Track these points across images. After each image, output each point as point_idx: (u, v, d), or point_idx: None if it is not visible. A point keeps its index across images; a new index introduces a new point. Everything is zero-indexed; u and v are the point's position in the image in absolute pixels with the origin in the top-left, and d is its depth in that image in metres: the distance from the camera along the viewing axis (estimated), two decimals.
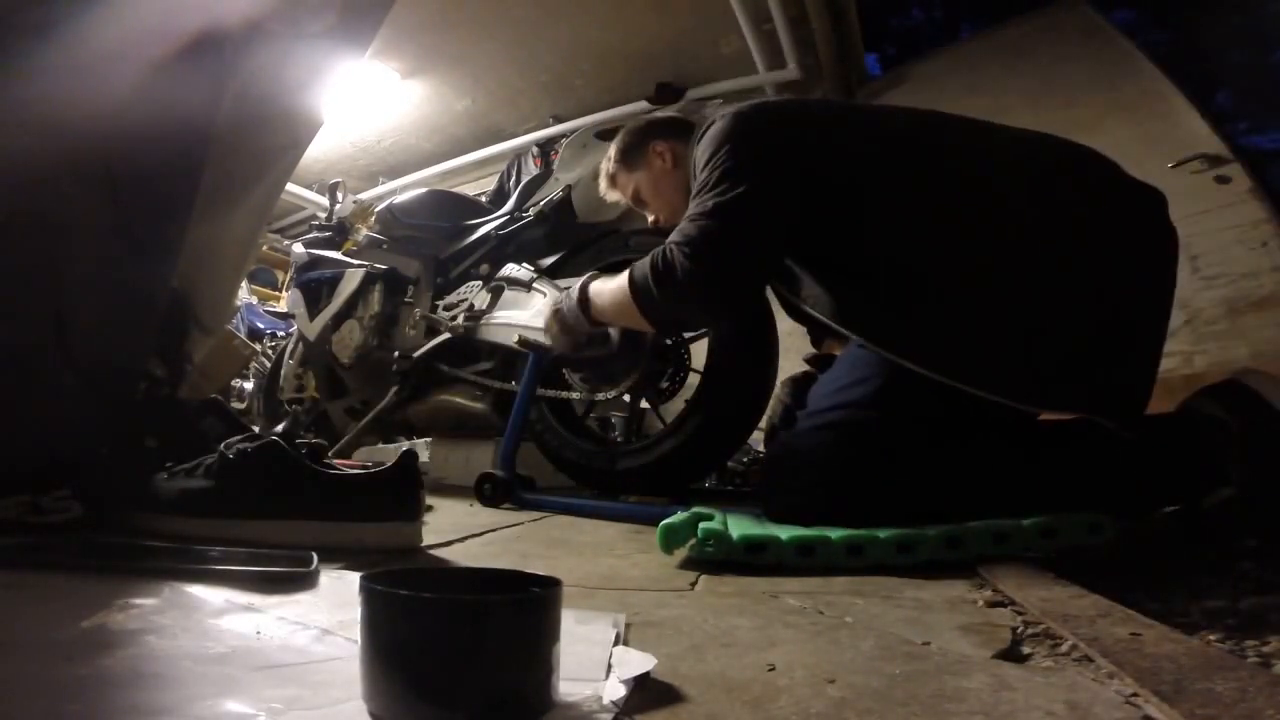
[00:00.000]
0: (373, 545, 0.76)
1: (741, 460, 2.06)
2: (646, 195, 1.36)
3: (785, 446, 1.04)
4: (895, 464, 0.93)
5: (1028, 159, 1.04)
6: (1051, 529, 0.81)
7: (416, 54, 3.34)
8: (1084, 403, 0.90)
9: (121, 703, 0.34)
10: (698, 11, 2.99)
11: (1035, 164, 1.03)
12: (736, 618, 0.55)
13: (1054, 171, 1.02)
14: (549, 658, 0.34)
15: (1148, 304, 0.97)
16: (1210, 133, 2.29)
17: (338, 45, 1.07)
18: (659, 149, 1.32)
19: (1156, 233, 1.00)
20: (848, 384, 1.00)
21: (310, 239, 2.39)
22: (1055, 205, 0.98)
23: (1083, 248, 0.96)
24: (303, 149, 1.22)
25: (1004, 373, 0.90)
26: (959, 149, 1.04)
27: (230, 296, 1.39)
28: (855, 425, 0.96)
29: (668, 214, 1.32)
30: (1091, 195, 1.00)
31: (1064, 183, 1.01)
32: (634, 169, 1.36)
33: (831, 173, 1.01)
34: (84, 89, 0.76)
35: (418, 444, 1.91)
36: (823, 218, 1.01)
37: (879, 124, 1.10)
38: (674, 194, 1.28)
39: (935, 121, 1.08)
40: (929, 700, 0.37)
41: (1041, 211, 0.97)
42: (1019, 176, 1.01)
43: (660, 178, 1.32)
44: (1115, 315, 0.94)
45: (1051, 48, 2.69)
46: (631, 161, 1.36)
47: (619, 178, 1.40)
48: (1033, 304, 0.93)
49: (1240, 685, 0.37)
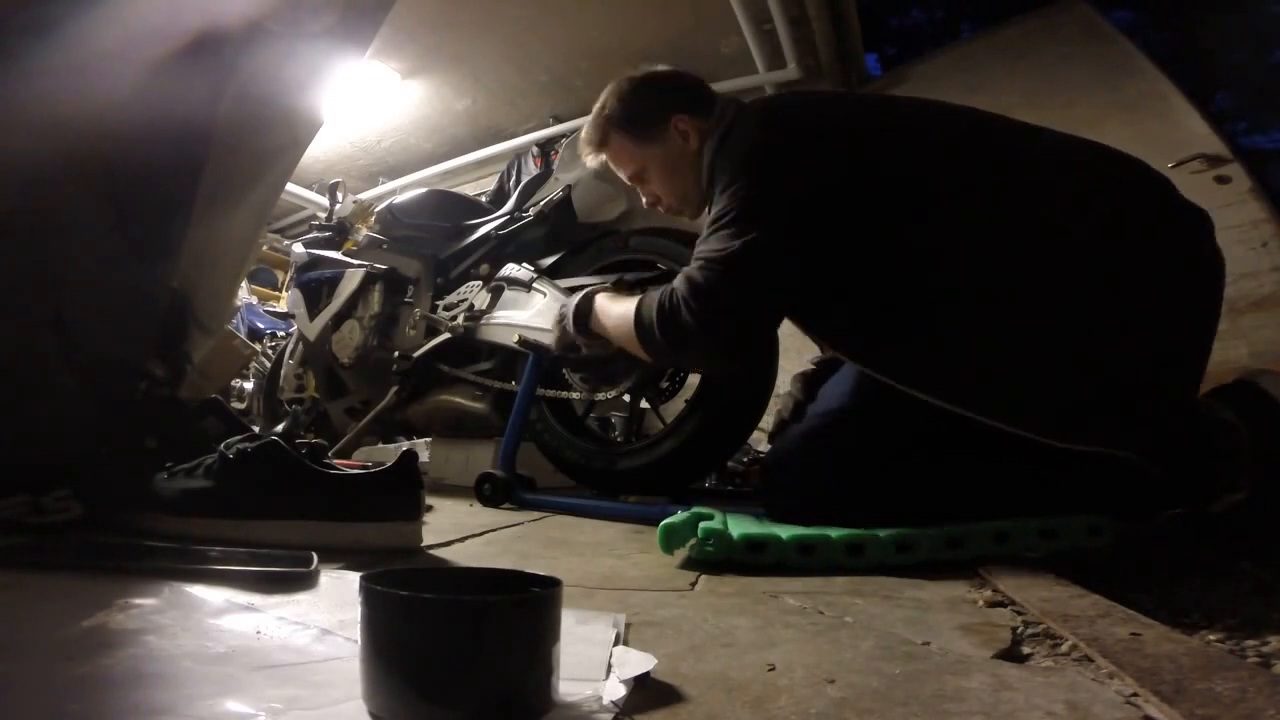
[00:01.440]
0: (373, 545, 0.76)
1: (741, 460, 2.06)
2: (655, 177, 1.16)
3: (789, 446, 1.03)
4: (899, 467, 0.92)
5: (1072, 173, 0.96)
6: (1052, 530, 0.81)
7: (416, 54, 3.34)
8: (1115, 440, 0.84)
9: (121, 703, 0.34)
10: (698, 11, 2.99)
11: (1080, 179, 0.95)
12: (736, 618, 0.55)
13: (1100, 189, 0.94)
14: (549, 658, 0.34)
15: (1191, 335, 0.91)
16: (1210, 133, 2.29)
17: (338, 45, 1.07)
18: (681, 125, 1.10)
19: (1205, 259, 0.93)
20: (855, 388, 0.98)
21: (310, 239, 2.39)
22: (1100, 227, 0.90)
23: (1127, 274, 0.88)
24: (303, 149, 1.22)
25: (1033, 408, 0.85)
26: (1004, 164, 0.95)
27: (230, 296, 1.39)
28: (860, 429, 0.95)
29: (678, 201, 1.16)
30: (1139, 217, 0.92)
31: (1110, 201, 0.93)
32: (646, 142, 1.14)
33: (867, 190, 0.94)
34: (84, 89, 0.76)
35: (418, 444, 1.91)
36: (852, 241, 0.94)
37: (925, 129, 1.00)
38: (690, 181, 1.11)
39: (980, 126, 1.00)
40: (929, 700, 0.37)
41: (1085, 233, 0.90)
42: (1063, 193, 0.93)
43: (678, 160, 1.11)
44: (1156, 346, 0.88)
45: (1051, 48, 2.68)
46: (644, 133, 1.14)
47: (621, 147, 1.17)
48: (1068, 335, 0.86)
49: (1240, 685, 0.37)
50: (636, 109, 1.14)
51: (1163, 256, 0.91)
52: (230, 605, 0.51)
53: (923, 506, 0.86)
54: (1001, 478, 0.90)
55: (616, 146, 1.17)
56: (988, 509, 0.84)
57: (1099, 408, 0.85)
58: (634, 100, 1.15)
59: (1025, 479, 0.89)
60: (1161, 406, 0.87)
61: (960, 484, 0.90)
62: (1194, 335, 0.91)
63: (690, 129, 1.10)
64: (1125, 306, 0.88)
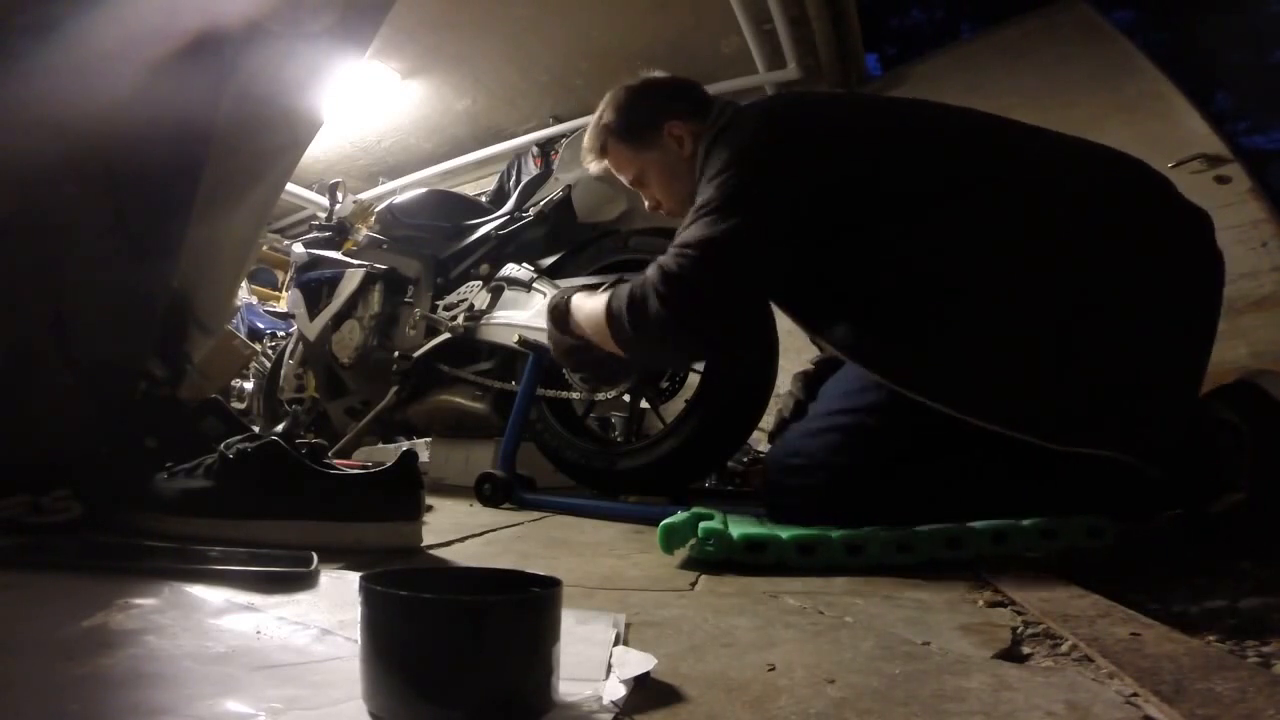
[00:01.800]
0: (373, 545, 0.76)
1: (741, 460, 2.06)
2: (654, 182, 1.19)
3: (790, 446, 1.03)
4: (901, 468, 0.92)
5: (1072, 174, 0.96)
6: (1051, 530, 0.81)
7: (416, 54, 3.34)
8: (1114, 443, 0.83)
9: (121, 703, 0.34)
10: (698, 11, 2.99)
11: (1080, 180, 0.95)
12: (736, 618, 0.55)
13: (1100, 190, 0.94)
14: (549, 658, 0.34)
15: (1192, 336, 0.91)
16: (1210, 133, 2.29)
17: (338, 45, 1.07)
18: (675, 131, 1.13)
19: (1205, 259, 0.93)
20: (857, 389, 0.97)
21: (310, 239, 2.39)
22: (1100, 229, 0.91)
23: (1127, 275, 0.88)
24: (303, 149, 1.22)
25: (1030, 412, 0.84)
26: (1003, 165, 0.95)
27: (230, 296, 1.39)
28: (861, 429, 0.95)
29: (678, 205, 1.17)
30: (1139, 217, 0.92)
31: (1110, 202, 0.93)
32: (642, 149, 1.18)
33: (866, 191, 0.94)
34: (84, 89, 0.76)
35: (418, 444, 1.91)
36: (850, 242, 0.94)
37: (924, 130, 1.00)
38: (687, 185, 1.12)
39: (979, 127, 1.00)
40: (929, 700, 0.37)
41: (1085, 235, 0.90)
42: (1063, 195, 0.93)
43: (675, 164, 1.14)
44: (1157, 348, 0.88)
45: (1052, 48, 2.68)
46: (640, 140, 1.17)
47: (619, 154, 1.21)
48: (1067, 338, 0.86)
49: (1240, 685, 0.37)
50: (632, 117, 1.18)
51: (1163, 257, 0.91)
52: (230, 605, 0.51)
53: (924, 506, 0.86)
54: (1001, 478, 0.90)
55: (615, 154, 1.21)
56: (988, 509, 0.84)
57: (1098, 410, 0.84)
58: (629, 109, 1.18)
59: (1023, 478, 0.89)
60: (1162, 408, 0.86)
61: (961, 484, 0.90)
62: (1195, 336, 0.91)
63: (685, 133, 1.13)
64: (1125, 308, 0.87)
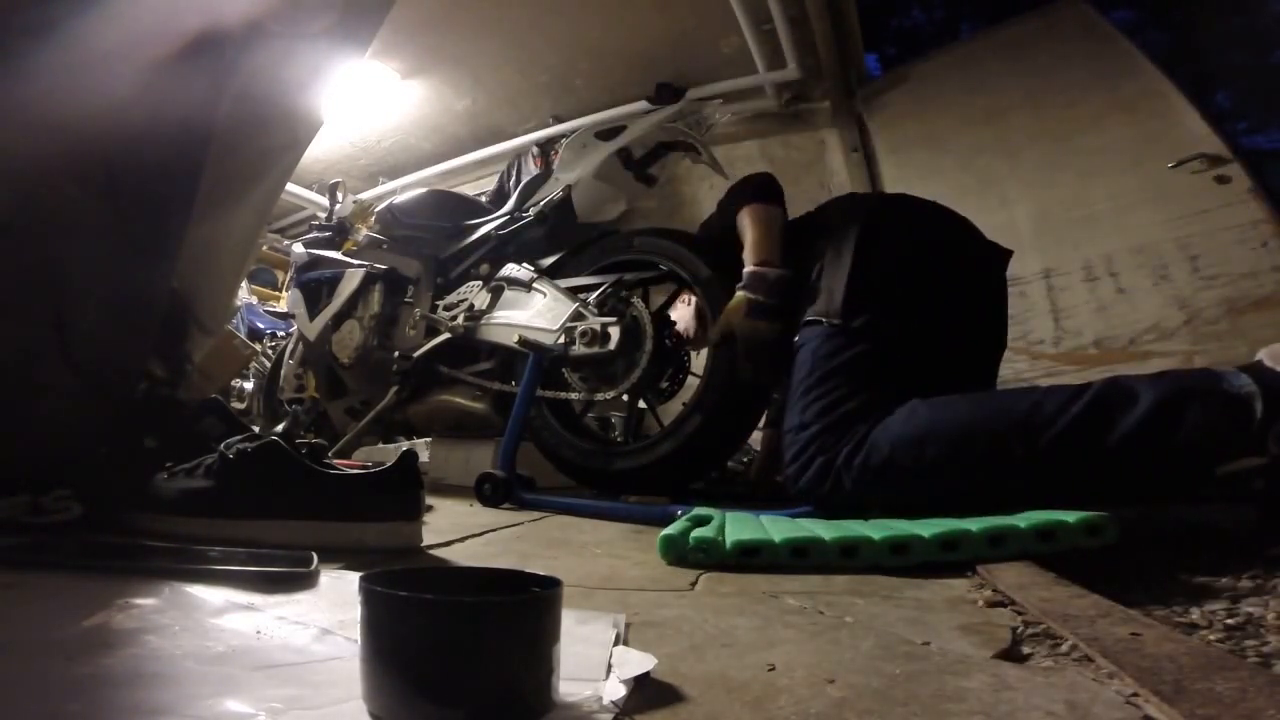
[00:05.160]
0: (373, 545, 0.76)
1: (741, 460, 2.06)
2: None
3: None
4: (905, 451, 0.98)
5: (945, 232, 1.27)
6: (1050, 531, 0.81)
7: (416, 54, 3.34)
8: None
9: (121, 702, 0.34)
10: (698, 11, 2.98)
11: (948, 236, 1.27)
12: (736, 618, 0.55)
13: (955, 243, 1.25)
14: (549, 658, 0.34)
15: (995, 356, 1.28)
16: (1210, 133, 2.29)
17: (338, 45, 1.07)
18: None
19: (1002, 289, 1.28)
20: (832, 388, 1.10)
21: (310, 239, 2.39)
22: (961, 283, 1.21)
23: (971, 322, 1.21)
24: (303, 149, 1.22)
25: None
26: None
27: (230, 296, 1.39)
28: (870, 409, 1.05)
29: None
30: (975, 263, 1.26)
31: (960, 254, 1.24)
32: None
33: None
34: (84, 89, 0.76)
35: (418, 444, 1.91)
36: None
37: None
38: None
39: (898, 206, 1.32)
40: (929, 700, 0.37)
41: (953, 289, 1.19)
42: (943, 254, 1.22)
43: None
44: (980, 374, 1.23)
45: (1051, 47, 2.68)
46: None
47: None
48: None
49: (1240, 685, 0.37)
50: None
51: (986, 293, 1.25)
52: (230, 605, 0.51)
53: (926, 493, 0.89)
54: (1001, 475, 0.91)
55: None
56: (982, 501, 0.86)
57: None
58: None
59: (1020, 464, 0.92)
60: None
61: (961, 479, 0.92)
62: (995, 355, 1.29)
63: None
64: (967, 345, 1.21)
